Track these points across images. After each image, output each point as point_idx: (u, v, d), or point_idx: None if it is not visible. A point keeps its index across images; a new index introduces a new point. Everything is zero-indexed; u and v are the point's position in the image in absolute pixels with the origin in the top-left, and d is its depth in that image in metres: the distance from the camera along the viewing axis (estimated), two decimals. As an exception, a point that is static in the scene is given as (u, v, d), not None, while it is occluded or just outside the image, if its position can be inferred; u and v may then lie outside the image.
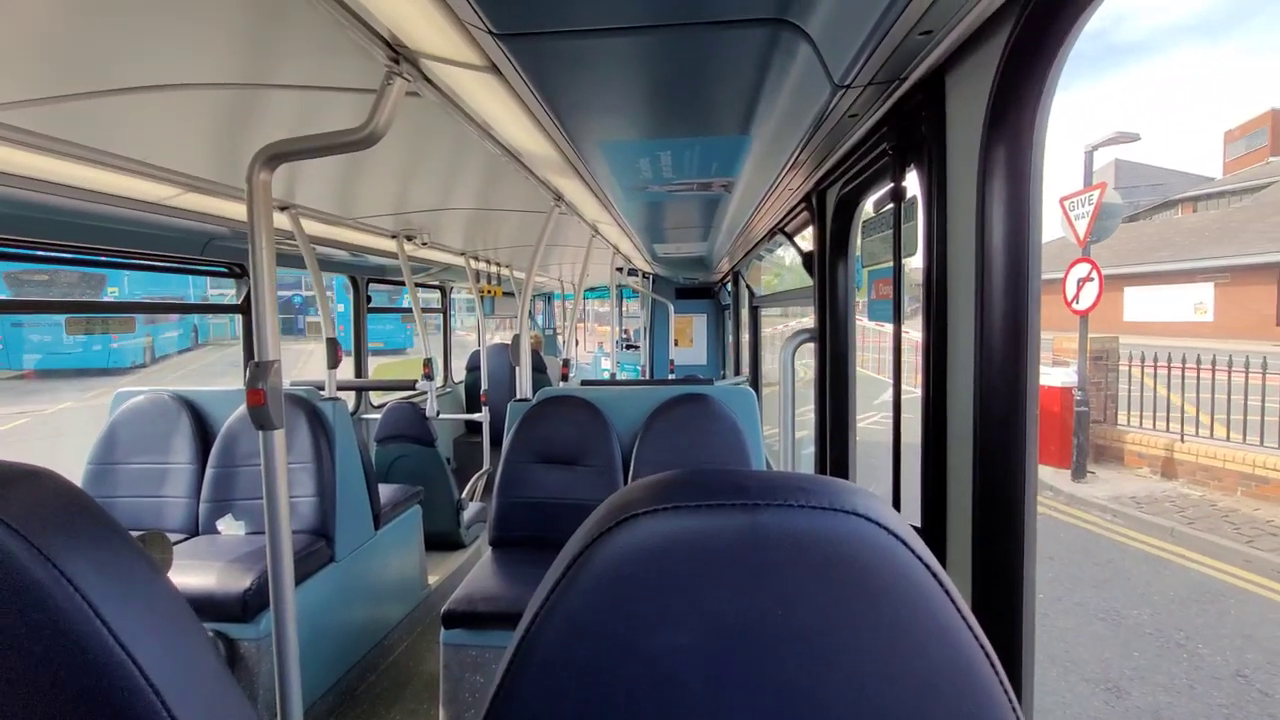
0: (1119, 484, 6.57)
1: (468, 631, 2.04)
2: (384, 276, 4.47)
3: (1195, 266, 20.69)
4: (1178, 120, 68.04)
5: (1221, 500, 5.94)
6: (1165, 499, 6.00)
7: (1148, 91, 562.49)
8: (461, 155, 1.77)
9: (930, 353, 1.03)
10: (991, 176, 0.85)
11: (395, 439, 3.86)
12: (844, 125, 1.29)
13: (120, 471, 2.62)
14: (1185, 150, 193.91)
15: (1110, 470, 7.09)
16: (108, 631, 0.38)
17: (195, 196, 2.03)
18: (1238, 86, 62.49)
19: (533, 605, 0.41)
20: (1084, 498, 6.15)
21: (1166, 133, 52.64)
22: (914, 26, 0.83)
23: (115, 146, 1.57)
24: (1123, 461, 7.24)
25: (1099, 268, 6.38)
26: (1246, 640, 3.56)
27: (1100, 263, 6.57)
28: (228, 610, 2.07)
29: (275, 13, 0.94)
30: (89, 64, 1.10)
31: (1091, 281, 6.43)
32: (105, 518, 0.44)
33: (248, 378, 1.30)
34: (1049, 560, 4.62)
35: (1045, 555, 4.71)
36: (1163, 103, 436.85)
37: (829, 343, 1.83)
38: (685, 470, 0.43)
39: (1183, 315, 21.63)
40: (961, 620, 0.37)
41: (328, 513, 2.54)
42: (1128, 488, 6.41)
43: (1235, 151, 28.52)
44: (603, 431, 2.64)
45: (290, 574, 1.38)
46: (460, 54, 0.98)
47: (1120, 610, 3.94)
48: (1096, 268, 6.38)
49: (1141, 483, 6.61)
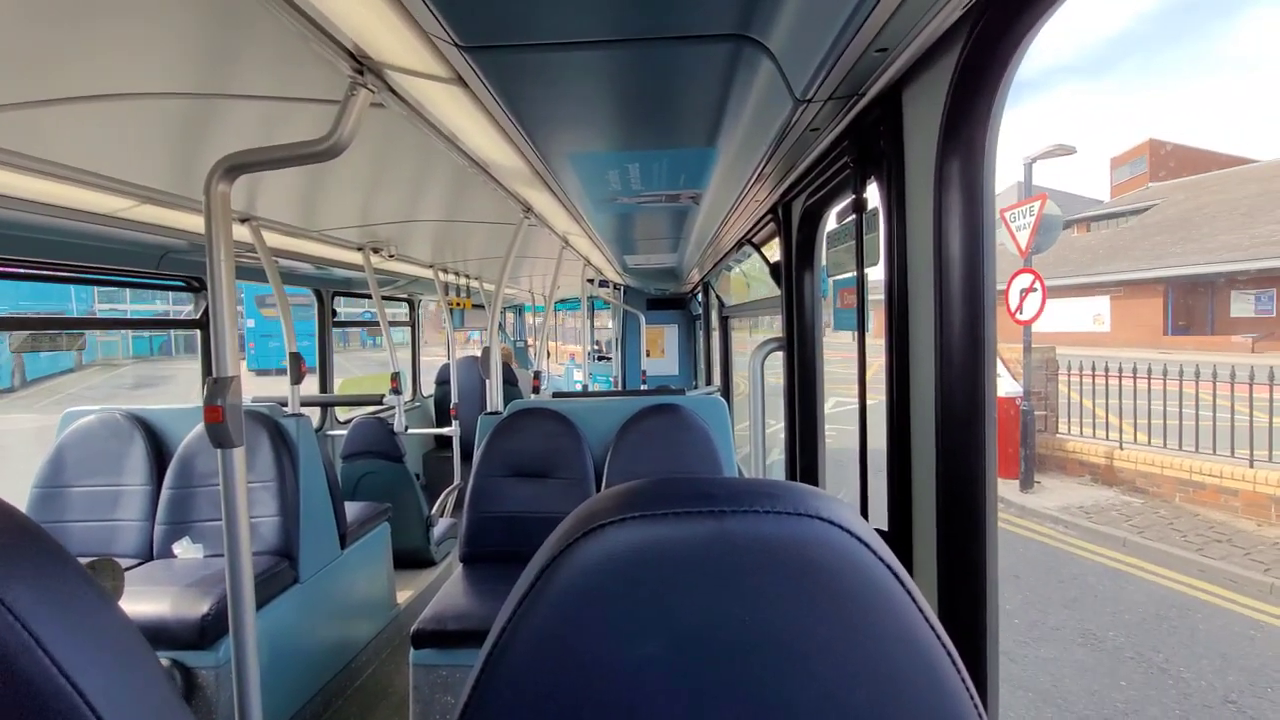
0: (1065, 493, 6.64)
1: (438, 651, 1.99)
2: (350, 289, 4.39)
3: (1092, 281, 22.63)
4: (1070, 147, 74.77)
5: (1163, 507, 6.06)
6: (1111, 508, 6.10)
7: (1044, 122, 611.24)
8: (428, 166, 1.76)
9: (893, 360, 1.06)
10: (947, 189, 0.88)
11: (362, 455, 3.77)
12: (806, 139, 1.32)
13: (69, 495, 2.50)
14: (1077, 175, 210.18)
15: (1054, 479, 7.19)
16: (51, 663, 0.36)
17: (151, 209, 1.97)
18: (1118, 118, 66.44)
19: (499, 620, 0.40)
20: (1035, 509, 6.19)
21: (1060, 159, 57.64)
22: (870, 44, 0.86)
23: (65, 157, 1.51)
24: (1065, 470, 7.34)
25: (1042, 278, 6.43)
26: (1224, 660, 3.56)
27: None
28: (184, 637, 1.99)
29: (236, 22, 0.92)
30: (36, 71, 1.06)
31: (1035, 292, 6.49)
32: (49, 544, 0.42)
33: (205, 394, 1.26)
34: (1015, 579, 4.65)
35: (1011, 573, 4.72)
36: (1056, 132, 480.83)
37: (797, 351, 1.85)
38: (652, 479, 0.43)
39: (1084, 326, 23.77)
40: (925, 622, 0.38)
41: (291, 532, 2.46)
42: (1074, 497, 6.48)
43: (1120, 176, 31.53)
44: (575, 443, 2.63)
45: (251, 597, 1.33)
46: (425, 66, 0.98)
47: (1097, 633, 3.90)
48: (1039, 278, 6.42)
49: (1086, 491, 6.70)
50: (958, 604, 0.92)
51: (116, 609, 0.44)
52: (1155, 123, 76.17)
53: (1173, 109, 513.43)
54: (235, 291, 1.29)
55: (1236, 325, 19.79)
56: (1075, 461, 7.24)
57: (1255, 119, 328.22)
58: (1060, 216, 6.73)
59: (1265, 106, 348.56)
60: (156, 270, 2.70)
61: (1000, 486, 6.73)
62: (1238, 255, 18.21)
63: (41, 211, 1.83)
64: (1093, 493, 6.64)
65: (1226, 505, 5.78)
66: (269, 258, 2.52)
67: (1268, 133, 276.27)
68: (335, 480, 2.83)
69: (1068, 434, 7.56)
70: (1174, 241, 21.25)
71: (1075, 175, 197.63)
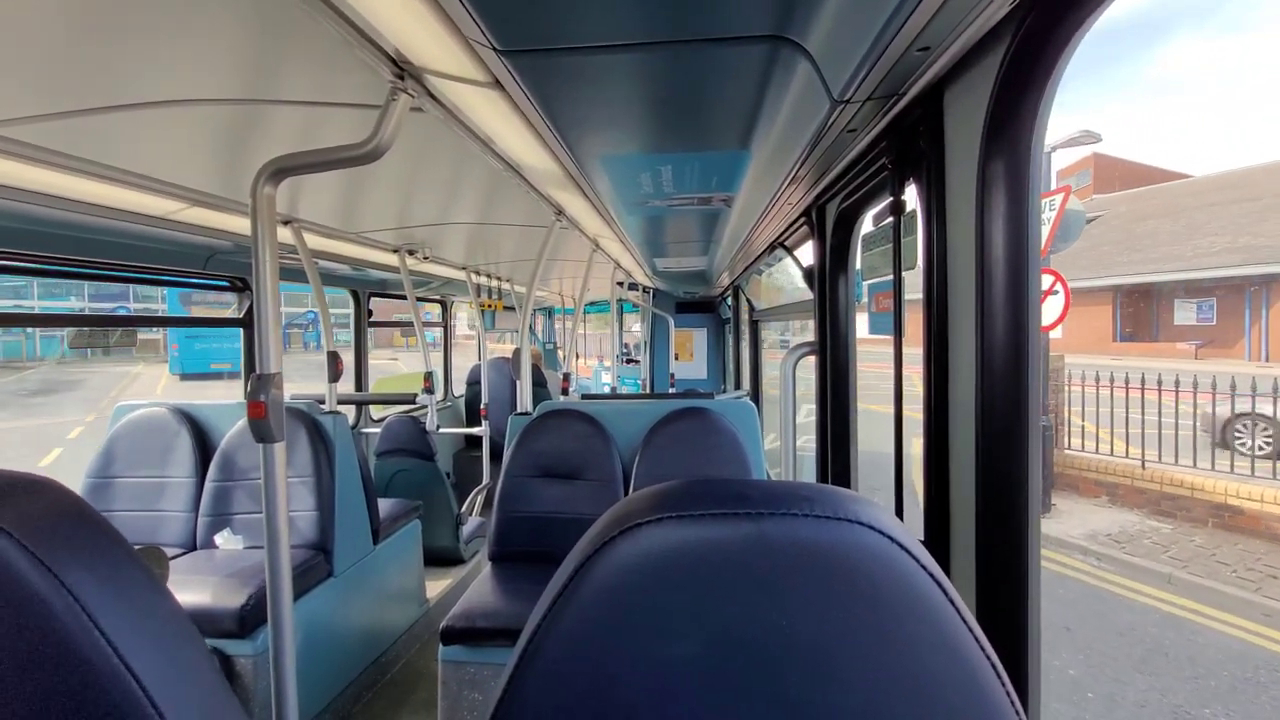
0: (1086, 518, 6.02)
1: (466, 648, 2.01)
2: (385, 290, 4.48)
3: (1044, 288, 22.70)
4: (1096, 135, 74.47)
5: (1197, 535, 5.50)
6: (1141, 535, 5.55)
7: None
8: (464, 170, 1.78)
9: (931, 364, 1.03)
10: (990, 189, 0.85)
11: (395, 453, 3.84)
12: (843, 140, 1.30)
13: (118, 485, 2.61)
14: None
15: (1069, 500, 6.50)
16: (106, 643, 0.38)
17: (199, 211, 2.04)
18: (1062, 132, 67.14)
19: (533, 619, 0.40)
20: (1060, 537, 5.60)
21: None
22: (912, 43, 0.85)
23: (121, 161, 1.58)
24: (1079, 490, 6.64)
25: (1064, 280, 5.71)
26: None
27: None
28: (224, 626, 2.05)
29: (283, 30, 0.95)
30: (95, 80, 1.11)
31: (1055, 294, 5.65)
32: (107, 528, 0.44)
33: (249, 390, 1.30)
34: (1067, 632, 4.05)
35: (1059, 624, 4.14)
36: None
37: (830, 356, 1.83)
38: (687, 480, 0.42)
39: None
40: (967, 631, 0.37)
41: (327, 527, 2.52)
42: (1097, 522, 5.89)
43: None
44: (603, 445, 2.63)
45: (288, 589, 1.37)
46: (464, 70, 0.99)
47: (1191, 711, 3.23)
48: (1060, 279, 5.67)
49: (1108, 515, 6.09)
50: (998, 616, 0.89)
51: (169, 595, 0.46)
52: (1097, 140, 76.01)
53: (1109, 128, 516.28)
54: (279, 290, 1.33)
55: (1180, 333, 20.49)
56: (1090, 481, 6.58)
57: (1184, 136, 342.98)
58: (1083, 213, 5.90)
59: (1190, 125, 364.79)
60: (204, 270, 2.80)
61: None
62: (1180, 265, 18.97)
63: (99, 214, 1.92)
64: (1116, 517, 6.04)
65: (1269, 532, 5.22)
66: (309, 259, 2.59)
67: (1193, 149, 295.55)
68: (369, 477, 2.89)
69: (1080, 450, 6.83)
70: (1120, 251, 21.76)
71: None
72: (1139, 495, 6.17)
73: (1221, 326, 19.49)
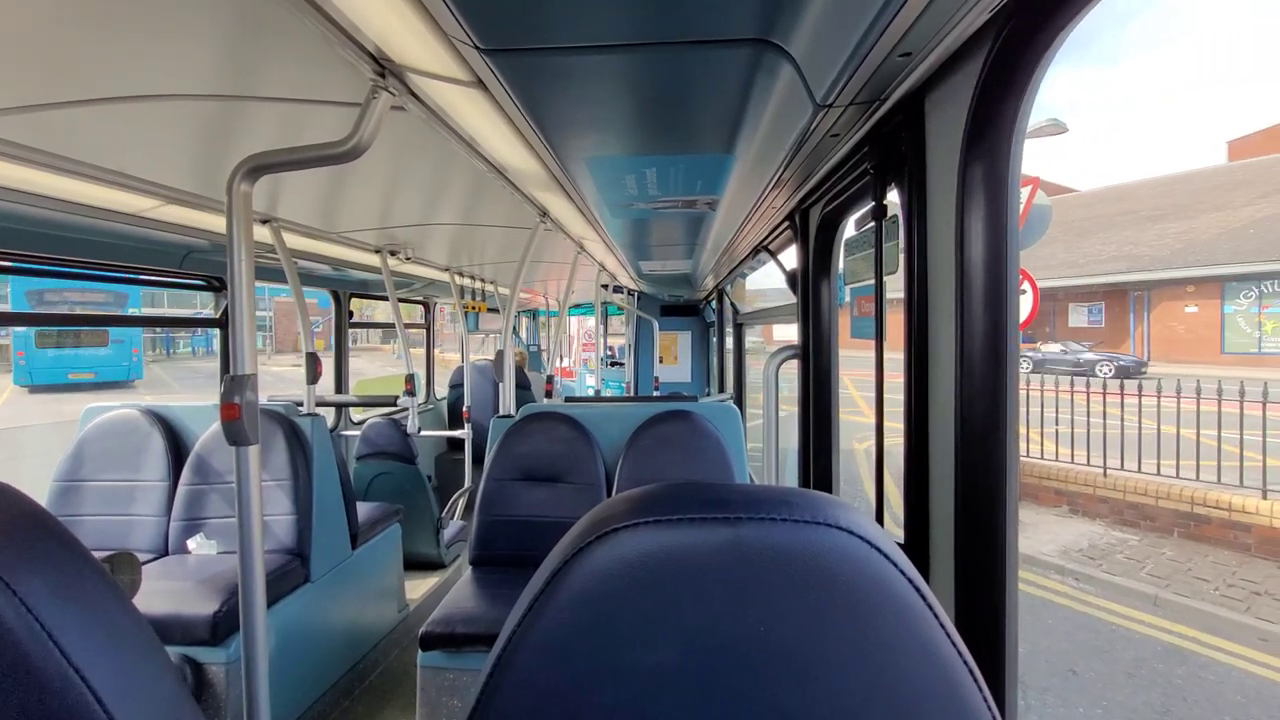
0: (1053, 530, 5.81)
1: (446, 653, 1.99)
2: (366, 291, 4.43)
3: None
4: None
5: (1166, 546, 5.34)
6: (1112, 549, 5.36)
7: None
8: (447, 170, 1.77)
9: (912, 369, 1.04)
10: (970, 195, 0.86)
11: (375, 456, 3.80)
12: (826, 145, 1.31)
13: (87, 489, 2.54)
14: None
15: (1030, 511, 6.24)
16: (61, 654, 0.36)
17: (175, 208, 2.00)
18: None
19: (509, 623, 0.39)
20: (1034, 555, 5.33)
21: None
22: (894, 49, 0.85)
23: (94, 157, 1.55)
24: (1038, 499, 6.44)
25: (1031, 278, 5.59)
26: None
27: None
28: (196, 633, 2.01)
29: (261, 25, 0.93)
30: (68, 73, 1.08)
31: (1024, 293, 5.40)
32: (66, 537, 0.42)
33: (223, 391, 1.27)
34: (1074, 675, 3.73)
35: (1064, 665, 3.82)
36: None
37: (812, 359, 1.84)
38: (666, 484, 0.42)
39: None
40: (945, 636, 0.37)
41: (304, 531, 2.48)
42: (1065, 536, 5.68)
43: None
44: (586, 448, 2.62)
45: (262, 595, 1.34)
46: (447, 69, 0.98)
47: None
48: (1028, 277, 5.51)
49: (1073, 527, 5.90)
50: (975, 620, 0.90)
51: (129, 604, 0.44)
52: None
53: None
54: (254, 290, 1.30)
55: (1075, 334, 21.95)
56: (1050, 490, 6.41)
57: (1067, 156, 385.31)
58: (1049, 207, 5.65)
59: (1071, 145, 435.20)
60: (180, 269, 2.74)
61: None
62: (1073, 272, 20.86)
63: (73, 210, 1.87)
64: (1081, 528, 5.85)
65: (1237, 542, 5.14)
66: (289, 259, 2.55)
67: (1075, 167, 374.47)
68: (348, 480, 2.85)
69: (1040, 457, 6.71)
70: (1021, 259, 24.16)
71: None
72: (1099, 504, 6.05)
73: (1110, 328, 21.29)
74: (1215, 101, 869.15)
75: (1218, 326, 18.38)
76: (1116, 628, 4.35)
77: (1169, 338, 19.45)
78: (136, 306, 16.59)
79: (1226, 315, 18.24)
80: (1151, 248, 19.87)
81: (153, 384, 18.20)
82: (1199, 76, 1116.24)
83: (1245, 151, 25.09)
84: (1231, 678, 3.73)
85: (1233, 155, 26.01)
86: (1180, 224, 20.53)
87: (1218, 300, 18.26)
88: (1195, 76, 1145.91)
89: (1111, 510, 5.95)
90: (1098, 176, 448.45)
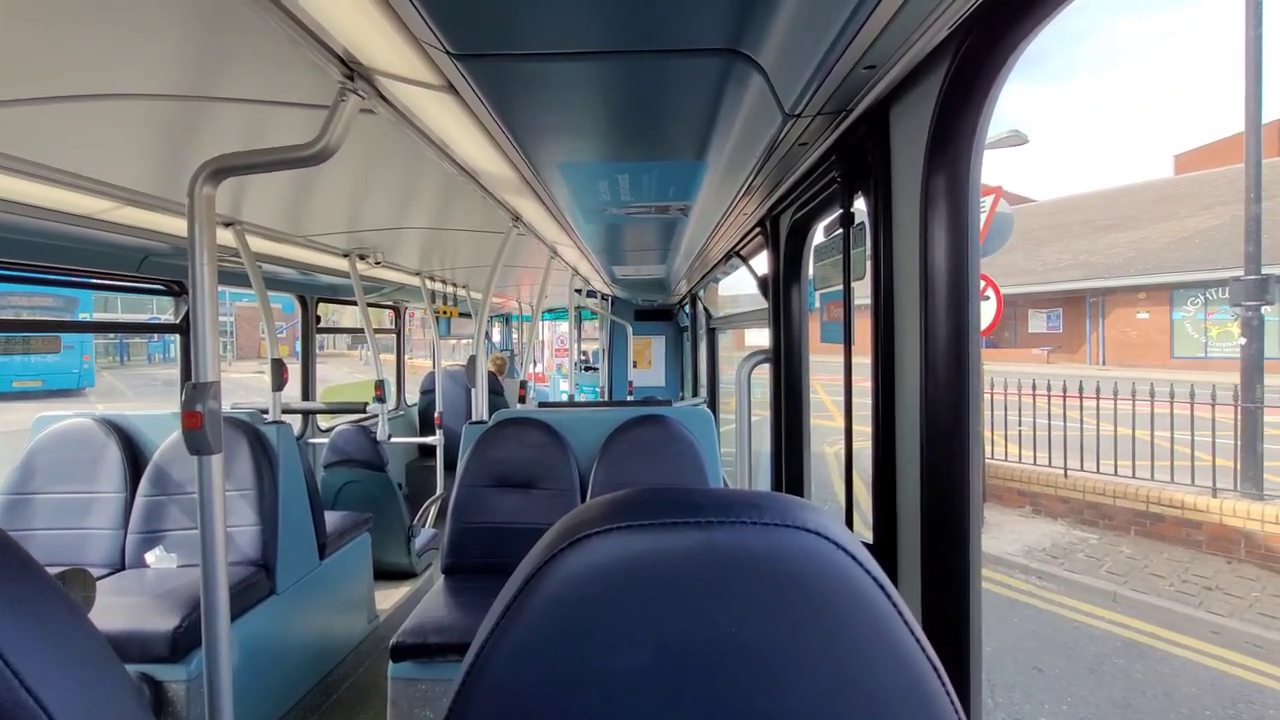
0: (1016, 530, 5.96)
1: (417, 664, 1.95)
2: (335, 296, 4.34)
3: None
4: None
5: (1123, 544, 5.54)
6: (1073, 548, 5.52)
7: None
8: (417, 174, 1.75)
9: (879, 372, 1.07)
10: (933, 203, 0.89)
11: (344, 464, 3.71)
12: (795, 153, 1.33)
13: (38, 502, 2.43)
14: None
15: (994, 512, 6.44)
16: (12, 674, 0.35)
17: (133, 210, 1.94)
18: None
19: (482, 631, 0.39)
20: (998, 555, 5.45)
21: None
22: (859, 61, 0.88)
23: (45, 157, 1.49)
24: (1002, 500, 6.63)
25: (995, 284, 5.77)
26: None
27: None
28: (154, 650, 1.93)
29: (224, 24, 0.91)
30: (16, 70, 1.04)
31: (986, 299, 5.57)
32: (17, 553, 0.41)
33: (184, 399, 1.23)
34: (1039, 673, 3.81)
35: (1029, 663, 3.91)
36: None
37: (784, 363, 1.86)
38: (639, 489, 0.42)
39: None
40: (911, 636, 0.38)
41: (269, 542, 2.41)
42: (1029, 536, 5.83)
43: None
44: (560, 454, 2.61)
45: (225, 609, 1.30)
46: (416, 73, 0.98)
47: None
48: (991, 284, 5.71)
49: (1036, 527, 6.07)
50: (941, 617, 0.92)
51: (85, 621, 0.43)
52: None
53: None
54: (217, 295, 1.27)
55: (1035, 340, 22.72)
56: (1012, 490, 6.58)
57: (1025, 167, 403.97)
58: (1011, 215, 5.87)
59: (1028, 158, 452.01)
60: (138, 273, 2.65)
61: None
62: (1031, 279, 21.39)
63: (20, 211, 1.80)
64: (1044, 528, 6.02)
65: (1189, 539, 5.40)
66: (253, 263, 2.49)
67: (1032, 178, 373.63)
68: (315, 489, 2.78)
69: (1004, 459, 6.89)
70: (982, 266, 25.19)
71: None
72: (1060, 505, 6.22)
73: (1067, 334, 21.83)
74: (1162, 118, 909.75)
75: (1168, 332, 19.12)
76: (1078, 624, 4.47)
77: (1123, 342, 20.18)
78: (88, 311, 15.99)
79: (1175, 321, 19.00)
80: (1105, 256, 20.60)
81: (106, 392, 17.56)
82: (1147, 94, 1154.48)
83: (1190, 165, 26.17)
84: (1186, 670, 3.86)
85: (1179, 169, 27.11)
86: (1132, 234, 21.34)
87: (1167, 307, 19.02)
88: (1143, 94, 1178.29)
89: (1072, 510, 6.12)
90: (1055, 187, 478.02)
